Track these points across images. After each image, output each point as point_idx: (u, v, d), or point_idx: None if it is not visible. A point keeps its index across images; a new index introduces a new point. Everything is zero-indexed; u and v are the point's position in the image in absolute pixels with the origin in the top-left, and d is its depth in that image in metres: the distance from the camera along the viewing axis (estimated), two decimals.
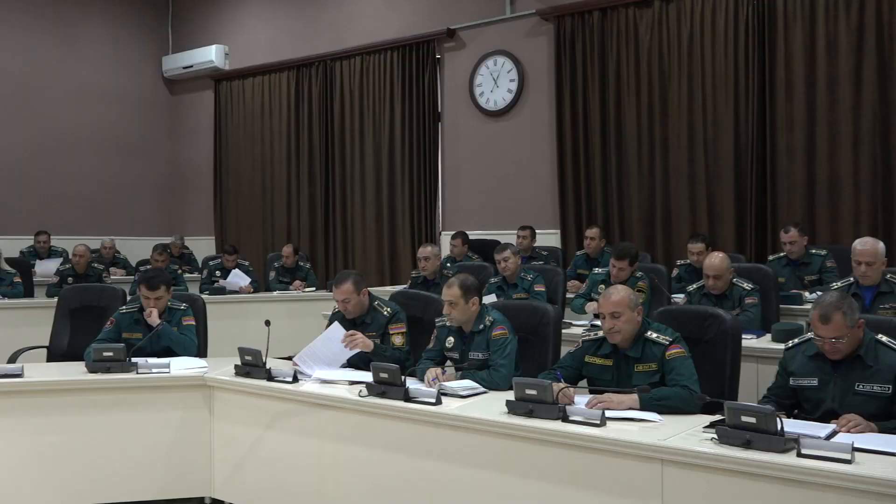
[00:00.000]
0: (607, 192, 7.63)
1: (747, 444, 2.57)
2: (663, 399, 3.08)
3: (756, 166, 6.80)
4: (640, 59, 7.41)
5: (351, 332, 4.10)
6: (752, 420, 2.60)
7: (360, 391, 3.51)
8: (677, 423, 2.93)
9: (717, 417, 2.82)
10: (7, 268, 7.43)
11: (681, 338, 3.31)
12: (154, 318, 4.44)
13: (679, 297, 5.46)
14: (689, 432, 2.80)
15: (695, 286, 5.19)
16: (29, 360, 4.62)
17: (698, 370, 3.24)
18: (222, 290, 7.69)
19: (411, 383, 3.48)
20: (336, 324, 4.20)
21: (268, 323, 4.12)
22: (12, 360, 4.76)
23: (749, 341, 4.21)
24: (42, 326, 5.37)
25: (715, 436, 2.67)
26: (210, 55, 10.57)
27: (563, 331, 4.33)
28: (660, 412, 3.03)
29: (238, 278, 7.84)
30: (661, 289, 5.50)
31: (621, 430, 2.87)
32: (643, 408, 3.05)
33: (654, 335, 3.31)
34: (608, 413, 2.97)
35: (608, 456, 2.81)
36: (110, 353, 4.08)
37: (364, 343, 4.04)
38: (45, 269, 8.56)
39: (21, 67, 9.91)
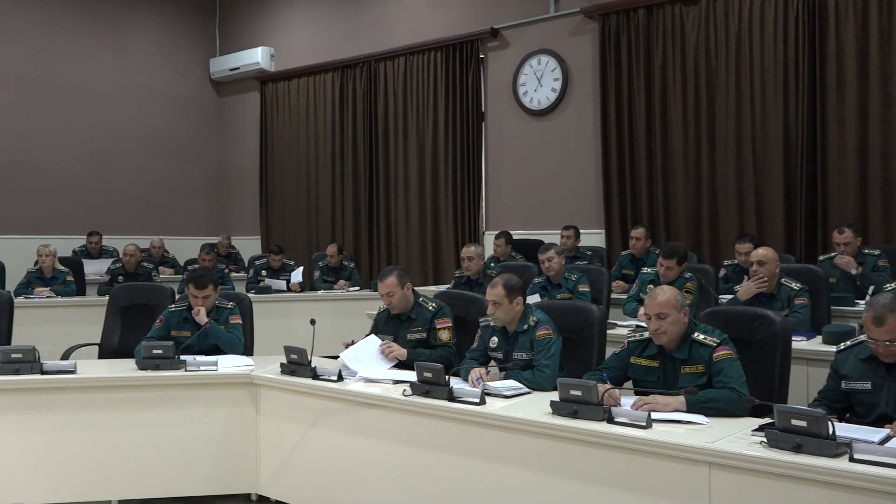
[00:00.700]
0: (653, 192, 7.55)
1: (798, 449, 2.52)
2: (711, 401, 3.03)
3: (806, 164, 6.67)
4: (686, 57, 7.32)
5: (385, 342, 4.12)
6: (803, 424, 2.54)
7: (405, 390, 3.52)
8: (725, 425, 2.88)
9: (766, 421, 2.78)
10: (60, 267, 7.61)
11: (729, 339, 3.26)
12: (202, 317, 4.50)
13: (726, 298, 5.38)
14: (737, 435, 2.76)
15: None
16: (81, 356, 4.74)
17: (746, 372, 3.18)
18: (268, 290, 7.77)
19: (455, 383, 3.48)
20: (372, 336, 4.21)
21: (313, 322, 4.16)
22: (65, 356, 4.88)
23: (799, 343, 4.13)
24: (94, 324, 5.48)
25: (764, 439, 2.62)
26: (256, 57, 10.71)
27: (608, 331, 4.30)
28: (707, 415, 2.99)
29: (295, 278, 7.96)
30: (709, 289, 5.42)
31: (667, 432, 2.83)
32: (690, 410, 3.01)
33: (702, 336, 3.26)
34: (654, 415, 2.93)
35: (654, 458, 2.78)
36: (159, 351, 4.16)
37: (399, 352, 4.07)
38: (97, 268, 8.75)
39: (74, 72, 10.15)
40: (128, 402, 4.10)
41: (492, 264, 6.85)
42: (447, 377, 3.43)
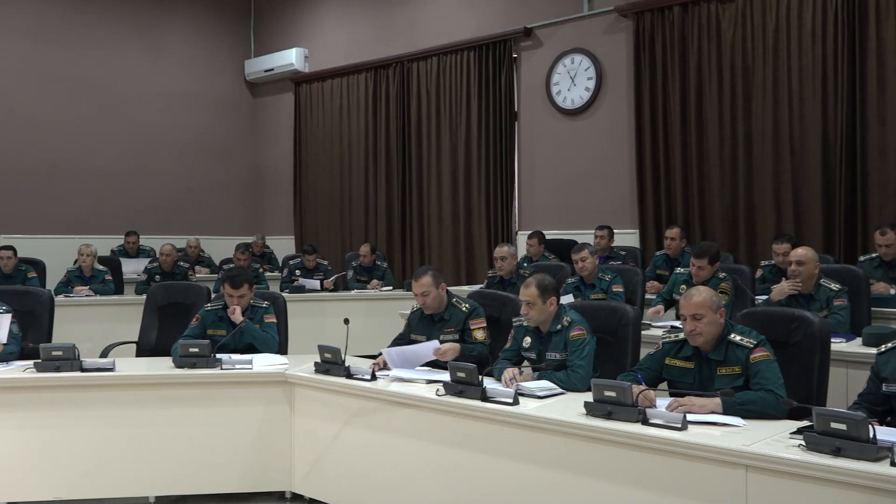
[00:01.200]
0: (688, 191, 7.47)
1: (837, 452, 2.48)
2: (747, 403, 2.99)
3: (845, 164, 6.56)
4: (722, 55, 7.24)
5: (439, 350, 4.09)
6: (843, 427, 2.50)
7: (438, 390, 3.53)
8: (762, 428, 2.85)
9: (805, 423, 2.73)
10: (99, 266, 7.73)
11: (766, 341, 3.22)
12: (237, 316, 4.54)
13: (763, 299, 5.31)
14: (774, 438, 2.72)
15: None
16: (119, 354, 4.80)
17: (784, 374, 3.14)
18: (302, 289, 7.83)
19: (488, 383, 3.48)
20: (432, 342, 4.18)
21: (347, 321, 4.18)
22: (104, 354, 4.95)
23: (838, 345, 4.07)
24: (132, 322, 5.57)
25: (802, 442, 2.58)
26: (290, 58, 10.80)
27: (643, 332, 4.26)
28: (744, 417, 2.95)
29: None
30: (745, 290, 5.35)
31: (703, 434, 2.80)
32: (726, 412, 2.98)
33: (738, 338, 3.22)
34: (690, 416, 2.90)
35: (690, 460, 2.75)
36: (196, 349, 4.21)
37: (453, 350, 4.06)
38: (134, 267, 8.88)
39: (113, 75, 10.31)
40: (165, 399, 4.15)
41: (525, 264, 6.83)
42: (480, 377, 3.43)
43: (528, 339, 3.88)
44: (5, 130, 9.44)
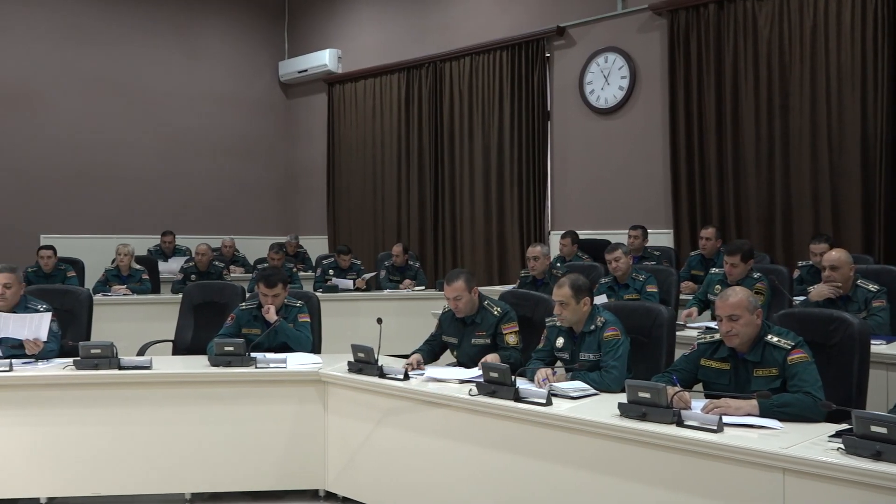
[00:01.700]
0: (723, 191, 7.39)
1: (877, 456, 2.44)
2: (785, 406, 2.95)
3: (885, 162, 6.44)
4: (758, 53, 7.14)
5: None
6: (883, 430, 2.46)
7: (471, 390, 3.52)
8: (800, 431, 2.81)
9: (844, 427, 2.69)
10: (136, 266, 7.84)
11: (804, 342, 3.17)
12: (272, 315, 4.58)
13: (800, 300, 5.24)
14: (812, 441, 2.68)
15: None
16: (155, 352, 4.87)
17: (822, 376, 3.09)
18: (335, 289, 7.87)
19: (521, 383, 3.47)
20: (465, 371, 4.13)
21: (380, 321, 4.19)
22: (141, 352, 5.02)
23: (878, 347, 3.99)
24: (168, 321, 5.64)
25: (842, 446, 2.54)
26: (324, 59, 10.86)
27: (677, 333, 4.22)
28: (781, 419, 2.91)
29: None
30: (782, 290, 5.28)
31: (740, 436, 2.77)
32: (763, 414, 2.94)
33: (775, 339, 3.18)
34: (725, 419, 2.87)
35: (725, 463, 2.72)
36: (231, 348, 4.25)
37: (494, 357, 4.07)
38: (170, 266, 9.00)
39: (149, 76, 10.45)
40: (200, 397, 4.20)
41: (557, 264, 6.80)
42: (513, 377, 3.42)
43: (561, 340, 3.86)
44: (46, 132, 9.61)
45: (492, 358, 4.06)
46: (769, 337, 3.20)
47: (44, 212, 9.55)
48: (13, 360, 4.20)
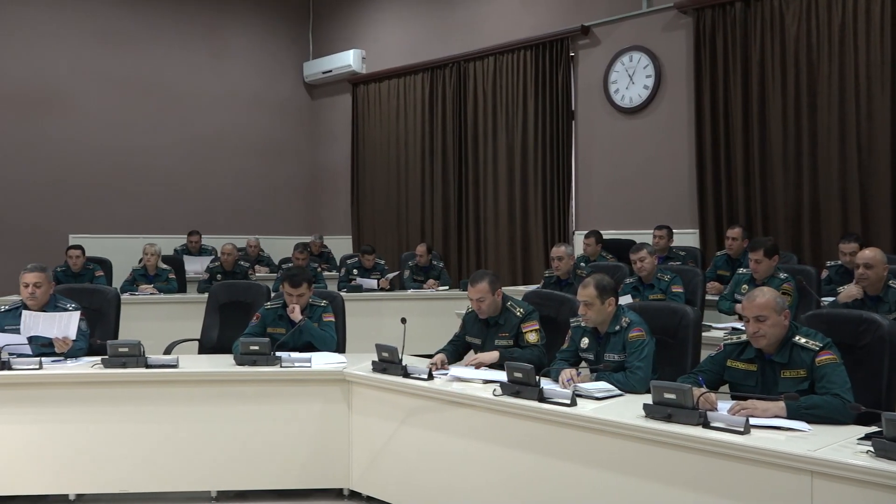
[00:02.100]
0: (750, 190, 7.32)
1: None
2: (813, 407, 2.92)
3: None
4: (786, 51, 7.07)
5: (474, 359, 4.13)
6: None
7: (495, 390, 3.52)
8: (828, 433, 2.77)
9: (873, 429, 2.65)
10: (163, 265, 7.92)
11: (832, 343, 3.13)
12: (296, 315, 4.60)
13: (829, 300, 5.18)
14: (841, 444, 2.65)
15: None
16: (181, 351, 4.91)
17: (851, 378, 3.05)
18: (359, 288, 7.90)
19: (545, 384, 3.46)
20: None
21: (404, 321, 4.20)
22: (167, 351, 5.06)
23: None
24: (194, 320, 5.69)
25: (871, 448, 2.51)
26: (348, 59, 10.89)
27: (703, 333, 4.19)
28: (809, 421, 2.87)
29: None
30: (809, 291, 5.23)
31: (767, 438, 2.74)
32: (790, 416, 2.90)
33: (803, 340, 3.14)
34: (752, 420, 2.84)
35: (752, 465, 2.69)
36: (256, 347, 4.27)
37: (489, 357, 4.09)
38: (196, 266, 9.07)
39: (175, 78, 10.55)
40: (226, 396, 4.23)
41: (581, 264, 6.78)
42: (538, 377, 3.41)
43: (585, 340, 3.85)
44: (75, 134, 9.73)
45: (488, 357, 4.06)
46: (797, 338, 3.16)
47: (73, 212, 9.67)
48: (43, 359, 4.26)
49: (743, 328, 3.30)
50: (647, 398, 3.08)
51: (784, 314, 3.17)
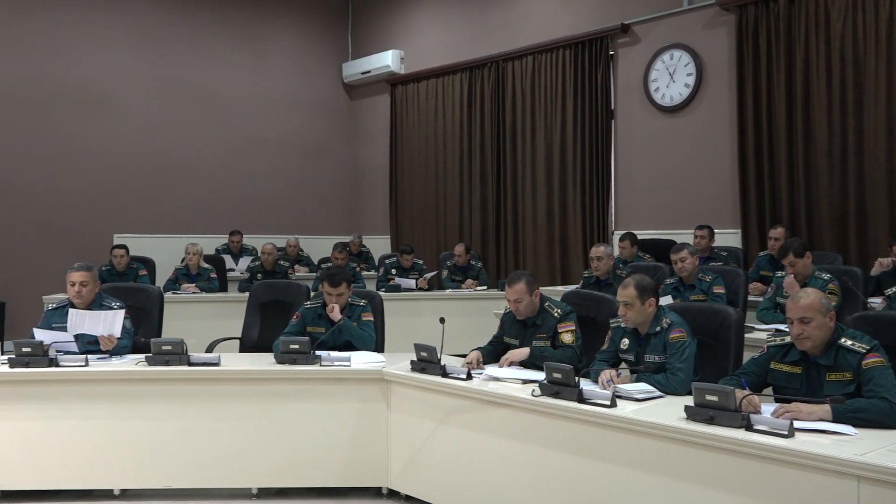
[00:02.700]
0: (793, 189, 7.19)
1: None
2: (860, 411, 2.86)
3: None
4: (831, 48, 6.93)
5: (505, 358, 4.11)
6: None
7: (533, 390, 3.51)
8: (876, 437, 2.72)
9: None
10: (205, 265, 8.02)
11: (879, 345, 3.07)
12: (336, 314, 4.63)
13: (876, 302, 5.07)
14: (889, 448, 2.59)
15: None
16: (223, 349, 4.95)
17: None
18: (397, 288, 7.92)
19: (585, 384, 3.44)
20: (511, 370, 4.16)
21: (442, 320, 4.19)
22: (209, 349, 5.12)
23: None
24: (235, 319, 5.74)
25: None
26: (386, 60, 10.93)
27: (746, 335, 4.13)
28: (855, 425, 2.82)
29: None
30: (856, 292, 5.12)
31: (812, 442, 2.69)
32: (836, 420, 2.85)
33: (849, 342, 3.08)
34: (797, 424, 2.79)
35: (797, 469, 2.64)
36: (296, 346, 4.31)
37: (519, 354, 4.08)
38: (238, 265, 9.17)
39: (217, 80, 10.69)
40: (266, 394, 4.28)
41: (620, 265, 6.72)
42: (577, 378, 3.39)
43: (625, 341, 3.82)
44: (119, 134, 9.90)
45: (519, 354, 4.05)
46: (843, 340, 3.10)
47: (117, 212, 9.84)
48: (89, 356, 4.35)
49: (787, 330, 3.25)
50: (689, 400, 3.04)
51: (829, 316, 3.12)
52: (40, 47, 9.40)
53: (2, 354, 4.43)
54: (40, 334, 4.42)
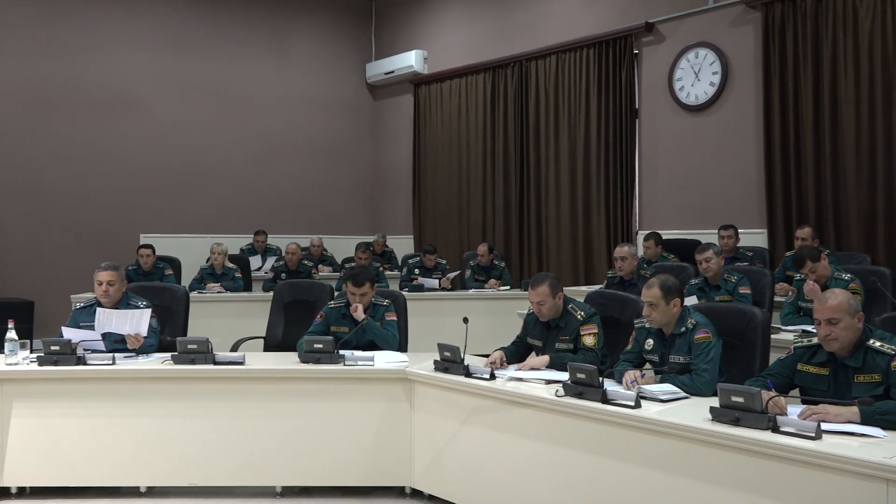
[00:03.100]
0: (821, 189, 7.11)
1: None
2: (889, 413, 2.82)
3: None
4: (859, 46, 6.85)
5: (525, 364, 4.10)
6: None
7: (557, 391, 3.50)
8: None
9: None
10: (230, 264, 8.07)
11: None
12: (359, 314, 4.64)
13: None
14: None
15: None
16: (247, 348, 4.99)
17: None
18: (420, 288, 7.93)
19: (609, 385, 3.42)
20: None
21: (466, 320, 4.19)
22: (234, 348, 5.16)
23: None
24: (259, 318, 5.79)
25: None
26: (410, 60, 10.95)
27: (772, 336, 4.08)
28: (884, 427, 2.78)
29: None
30: (884, 293, 5.05)
31: (839, 444, 2.66)
32: (864, 422, 2.82)
33: (878, 343, 3.05)
34: (824, 426, 2.76)
35: (824, 472, 2.61)
36: (320, 346, 4.33)
37: (539, 362, 4.06)
38: (262, 265, 9.22)
39: (242, 81, 10.75)
40: (291, 393, 4.30)
41: (645, 265, 6.68)
42: (601, 379, 3.37)
43: (650, 342, 3.80)
44: (145, 135, 10.00)
45: (539, 362, 4.04)
46: (871, 341, 3.07)
47: (143, 212, 9.93)
48: (116, 354, 4.39)
49: (814, 330, 3.22)
50: (714, 401, 3.02)
51: (858, 317, 3.08)
52: (68, 50, 9.52)
53: (31, 353, 4.48)
54: (68, 333, 4.48)
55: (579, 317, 4.19)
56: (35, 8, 9.35)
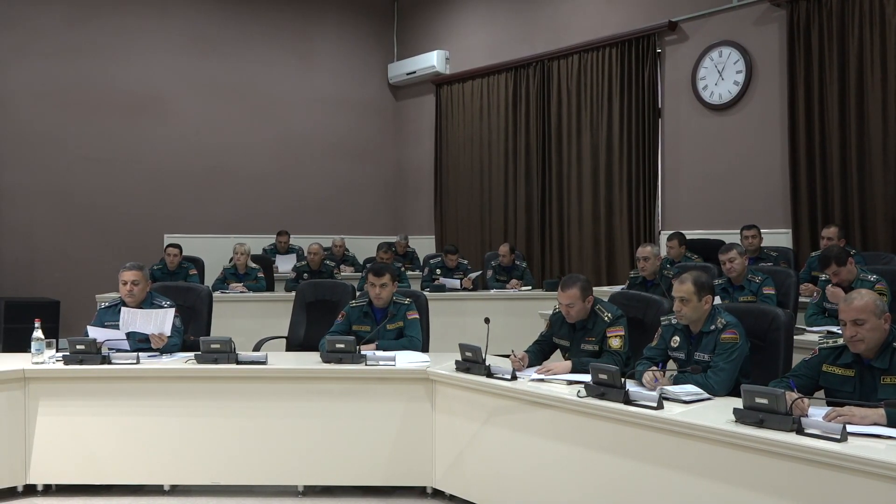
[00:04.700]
0: (846, 188, 7.03)
1: None
2: None
3: None
4: (886, 43, 6.76)
5: (544, 367, 4.07)
6: None
7: (579, 391, 3.48)
8: None
9: None
10: (252, 264, 8.12)
11: None
12: (383, 300, 4.65)
13: None
14: None
15: None
16: (270, 348, 5.01)
17: None
18: (442, 288, 7.93)
19: (631, 386, 3.40)
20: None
21: (487, 321, 4.18)
22: (257, 348, 5.18)
23: None
24: (282, 318, 5.82)
25: None
26: (432, 61, 10.96)
27: (796, 337, 4.05)
28: None
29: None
30: None
31: (865, 446, 2.63)
32: (891, 424, 2.78)
33: None
34: (850, 428, 2.73)
35: (849, 474, 2.58)
36: (342, 345, 4.34)
37: (561, 368, 4.02)
38: (284, 265, 9.26)
39: (265, 82, 10.82)
40: (313, 393, 4.32)
41: (668, 265, 6.64)
42: (623, 379, 3.35)
43: (676, 339, 3.76)
44: (171, 137, 10.09)
45: (561, 367, 4.00)
46: None
47: (167, 212, 10.02)
48: (140, 354, 4.44)
49: (839, 331, 3.18)
50: (738, 402, 2.99)
51: (885, 318, 3.04)
52: (94, 53, 9.63)
53: (57, 352, 4.53)
54: (94, 332, 4.53)
55: (606, 318, 4.15)
56: (64, 12, 9.47)
